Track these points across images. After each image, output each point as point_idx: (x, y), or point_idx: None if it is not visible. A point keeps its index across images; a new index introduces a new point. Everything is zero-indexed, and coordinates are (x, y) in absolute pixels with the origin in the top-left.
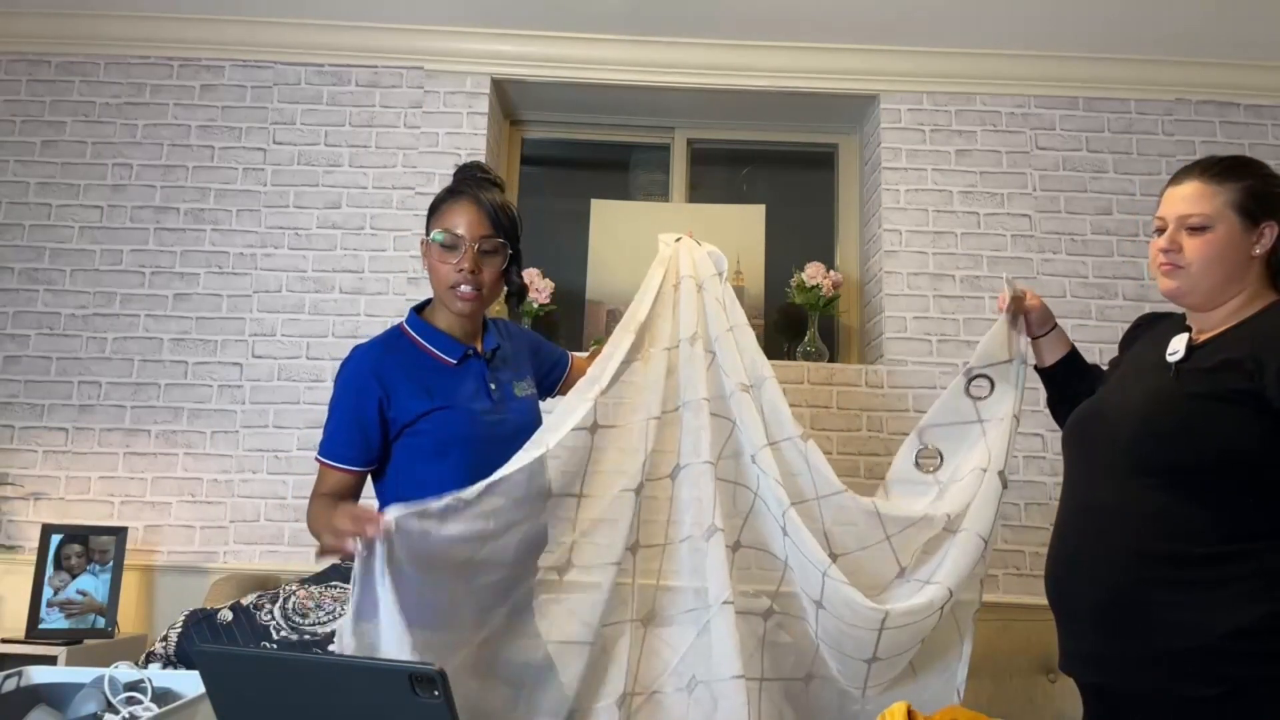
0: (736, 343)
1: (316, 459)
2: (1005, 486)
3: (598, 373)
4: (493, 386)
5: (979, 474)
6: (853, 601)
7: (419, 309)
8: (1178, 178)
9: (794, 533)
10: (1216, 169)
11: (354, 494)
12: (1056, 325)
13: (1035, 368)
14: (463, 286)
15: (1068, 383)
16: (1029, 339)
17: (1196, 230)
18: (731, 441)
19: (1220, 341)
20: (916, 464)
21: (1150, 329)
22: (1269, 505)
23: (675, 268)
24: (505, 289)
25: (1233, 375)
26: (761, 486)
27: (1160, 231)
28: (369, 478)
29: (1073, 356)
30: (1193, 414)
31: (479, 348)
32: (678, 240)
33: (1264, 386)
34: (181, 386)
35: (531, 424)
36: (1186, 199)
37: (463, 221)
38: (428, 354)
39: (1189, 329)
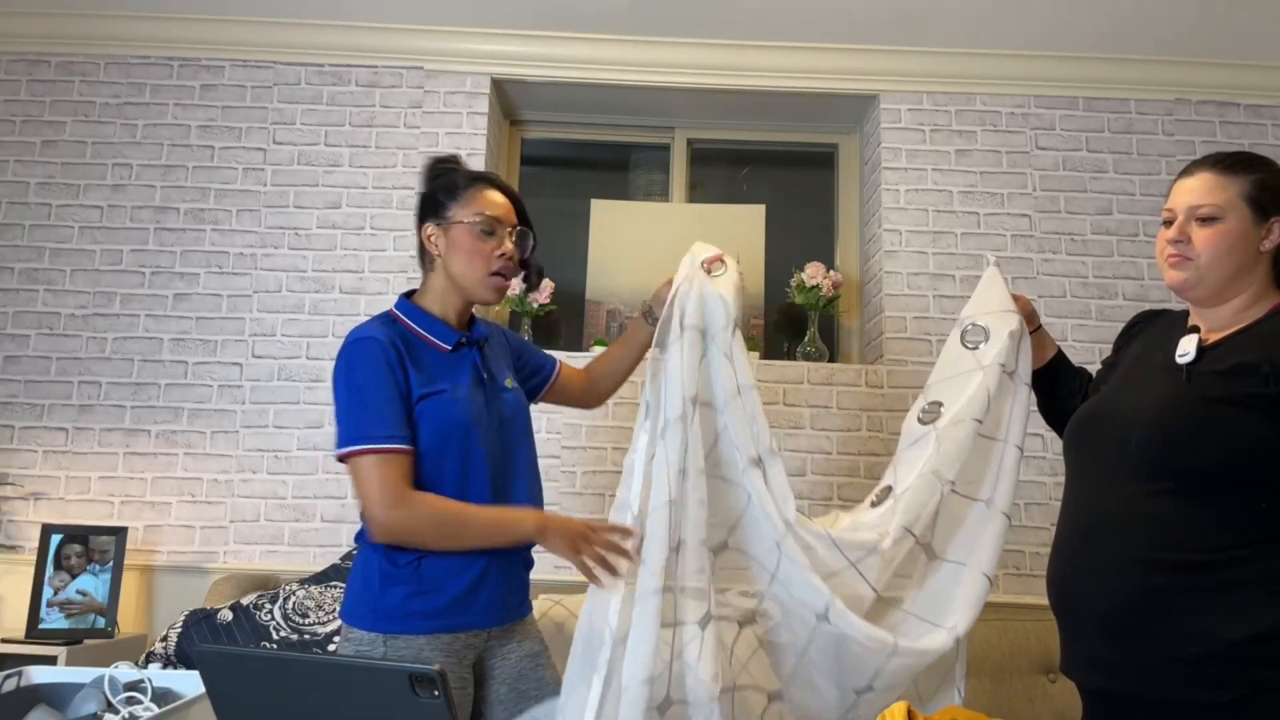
0: (744, 409)
1: (364, 450)
2: (982, 424)
3: (627, 496)
4: (485, 375)
5: (970, 425)
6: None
7: (408, 295)
8: (1188, 170)
9: (841, 620)
10: (1228, 161)
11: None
12: (1041, 325)
13: None
14: (503, 271)
15: (1059, 386)
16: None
17: (1207, 221)
18: (748, 517)
19: (1232, 343)
20: (919, 419)
21: (1148, 328)
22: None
23: (681, 311)
24: (523, 270)
25: (1247, 379)
26: (783, 569)
27: (1168, 224)
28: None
29: (1061, 359)
30: (1206, 418)
31: (471, 336)
32: (703, 264)
33: (1279, 392)
34: (181, 386)
35: (521, 413)
36: (1196, 190)
37: (499, 208)
38: (422, 339)
39: (1195, 329)
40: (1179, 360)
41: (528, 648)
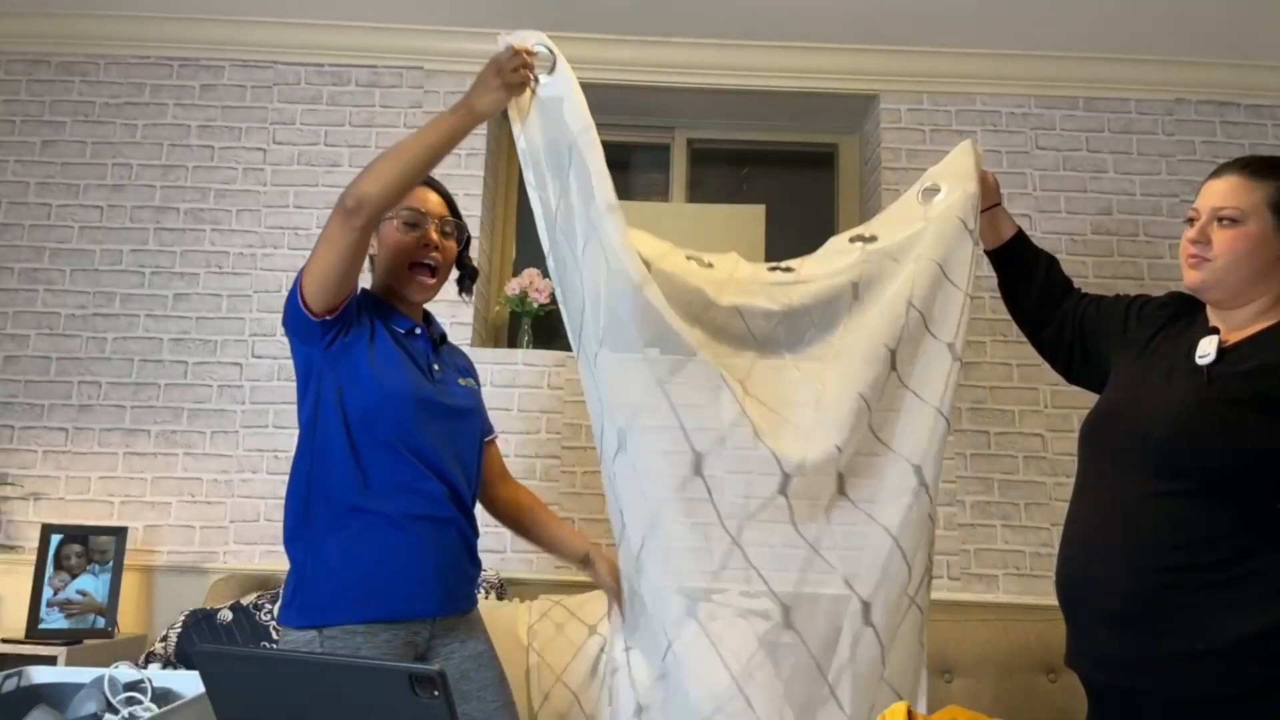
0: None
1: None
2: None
3: None
4: (435, 367)
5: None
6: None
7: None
8: (1218, 171)
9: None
10: (1258, 165)
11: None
12: (1001, 202)
13: (985, 250)
14: (426, 262)
15: (1018, 274)
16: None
17: (1228, 223)
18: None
19: (1253, 345)
20: (850, 239)
21: (1179, 318)
22: None
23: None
24: (459, 273)
25: (1268, 381)
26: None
27: (1192, 222)
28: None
29: (1020, 239)
30: (1226, 419)
31: (428, 330)
32: None
33: None
34: (181, 386)
35: (475, 409)
36: (1222, 192)
37: (422, 201)
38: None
39: (1215, 330)
40: (1199, 361)
41: (471, 647)
